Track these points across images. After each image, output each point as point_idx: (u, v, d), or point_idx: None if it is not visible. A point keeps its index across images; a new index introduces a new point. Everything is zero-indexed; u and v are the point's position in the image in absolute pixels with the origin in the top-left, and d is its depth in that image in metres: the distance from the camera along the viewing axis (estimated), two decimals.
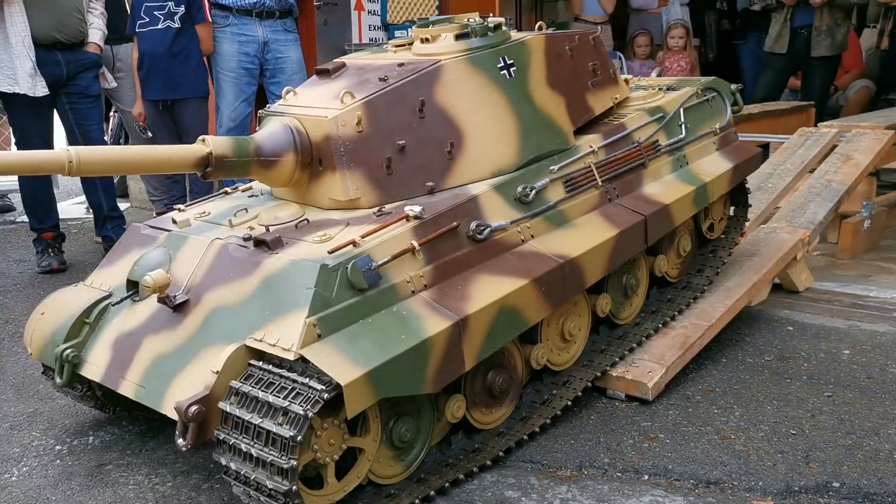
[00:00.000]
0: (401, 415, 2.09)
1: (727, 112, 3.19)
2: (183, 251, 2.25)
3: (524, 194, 2.39)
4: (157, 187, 5.32)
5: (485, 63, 2.45)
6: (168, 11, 4.56)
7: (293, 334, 1.85)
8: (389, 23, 5.81)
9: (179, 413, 1.85)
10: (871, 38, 8.11)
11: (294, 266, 1.99)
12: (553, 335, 2.52)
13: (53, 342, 2.29)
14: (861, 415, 2.48)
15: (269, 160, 2.24)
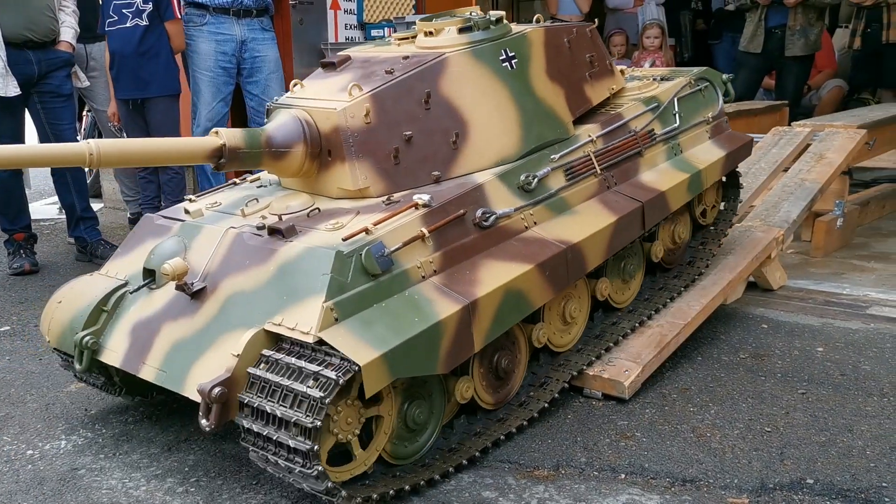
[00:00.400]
0: (414, 398, 2.17)
1: (719, 101, 3.28)
2: (198, 240, 2.31)
3: (527, 182, 2.47)
4: (132, 187, 5.28)
5: (487, 56, 2.53)
6: (136, 9, 4.51)
7: (311, 318, 1.92)
8: (365, 22, 5.80)
9: (203, 395, 1.90)
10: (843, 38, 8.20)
11: (310, 253, 2.06)
12: (554, 318, 2.60)
13: (72, 330, 2.34)
14: (834, 412, 2.50)
15: (279, 151, 2.31)
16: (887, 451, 2.26)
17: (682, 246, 3.16)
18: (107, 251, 4.48)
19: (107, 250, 4.49)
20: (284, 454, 1.88)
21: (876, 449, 2.27)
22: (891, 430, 2.37)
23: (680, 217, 3.11)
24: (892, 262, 4.11)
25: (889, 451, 2.26)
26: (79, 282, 2.50)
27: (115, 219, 5.72)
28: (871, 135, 4.53)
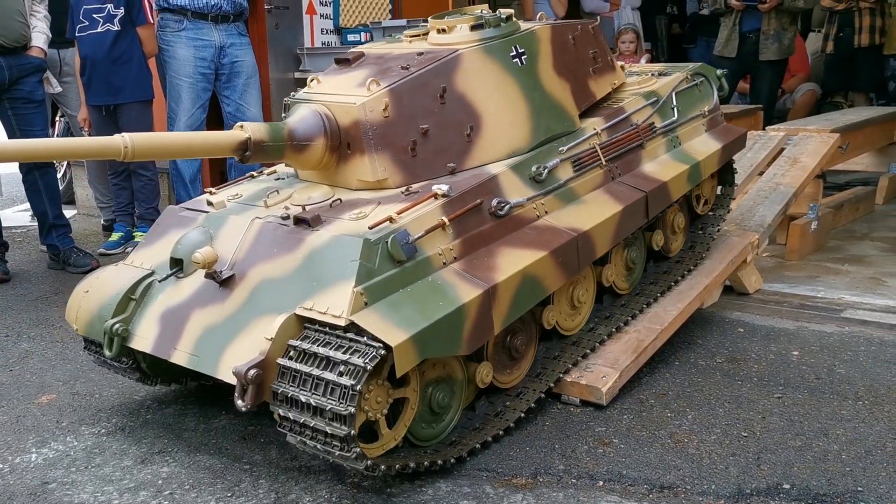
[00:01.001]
0: (438, 382, 2.27)
1: (714, 96, 3.42)
2: (224, 230, 2.39)
3: (538, 173, 2.58)
4: (105, 194, 5.23)
5: (499, 52, 2.64)
6: (107, 14, 4.47)
7: (342, 303, 2.00)
8: (342, 26, 5.78)
9: (239, 377, 1.97)
10: (816, 42, 8.30)
11: (338, 241, 2.15)
12: (563, 302, 2.70)
13: (101, 317, 2.40)
14: (810, 416, 2.51)
15: (301, 144, 2.40)
16: (862, 455, 2.27)
17: (680, 235, 3.28)
18: (80, 259, 4.43)
19: (80, 258, 4.43)
20: (322, 438, 1.97)
21: (851, 453, 2.29)
22: (865, 434, 2.38)
23: (678, 208, 3.25)
24: (865, 265, 4.15)
25: (864, 455, 2.27)
26: (105, 271, 2.57)
27: (89, 225, 5.65)
28: (843, 138, 4.58)
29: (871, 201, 5.45)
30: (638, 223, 2.84)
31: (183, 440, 2.48)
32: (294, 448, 2.38)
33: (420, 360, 2.04)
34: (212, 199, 2.53)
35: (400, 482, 2.20)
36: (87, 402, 2.78)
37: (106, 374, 3.00)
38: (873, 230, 4.91)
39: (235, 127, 2.33)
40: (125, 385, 2.89)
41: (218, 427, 2.55)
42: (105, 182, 5.12)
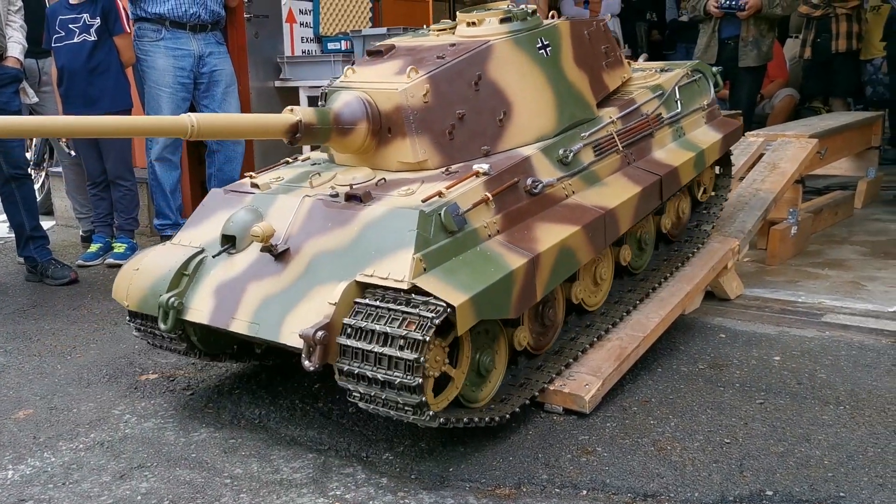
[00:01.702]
0: (483, 348, 2.43)
1: (711, 91, 3.67)
2: (273, 208, 2.53)
3: (565, 156, 2.76)
4: (84, 204, 5.18)
5: (526, 44, 2.82)
6: (83, 24, 4.43)
7: (403, 269, 2.15)
8: (322, 35, 5.76)
9: (307, 339, 2.10)
10: (794, 48, 8.37)
11: (395, 213, 2.30)
12: (587, 279, 2.88)
13: (154, 293, 2.51)
14: (792, 421, 2.52)
15: (346, 128, 2.56)
16: (844, 461, 2.28)
17: (684, 220, 3.51)
18: (58, 271, 4.38)
19: (57, 270, 4.38)
20: (387, 391, 2.10)
21: (833, 458, 2.29)
22: (847, 439, 2.39)
23: (682, 194, 3.45)
24: (845, 269, 4.18)
25: (846, 461, 2.28)
26: (153, 251, 2.68)
27: (67, 236, 5.60)
28: (822, 144, 4.62)
29: (850, 205, 5.50)
30: (654, 204, 3.05)
31: (162, 454, 2.45)
32: (275, 461, 2.37)
33: (477, 320, 2.19)
34: (256, 182, 2.68)
35: (383, 494, 2.19)
36: (64, 416, 2.74)
37: (84, 388, 2.96)
38: (852, 234, 4.94)
39: (286, 111, 2.47)
40: (103, 399, 2.85)
41: (198, 440, 2.53)
42: (83, 193, 5.07)
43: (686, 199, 3.49)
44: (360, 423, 2.59)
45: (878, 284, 3.91)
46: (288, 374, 2.99)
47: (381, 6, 6.34)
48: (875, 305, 3.56)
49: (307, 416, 2.66)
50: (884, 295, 3.73)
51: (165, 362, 3.17)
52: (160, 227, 4.96)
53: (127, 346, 3.37)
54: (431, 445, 2.43)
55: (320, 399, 2.78)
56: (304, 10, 5.71)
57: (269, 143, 5.63)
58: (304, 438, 2.51)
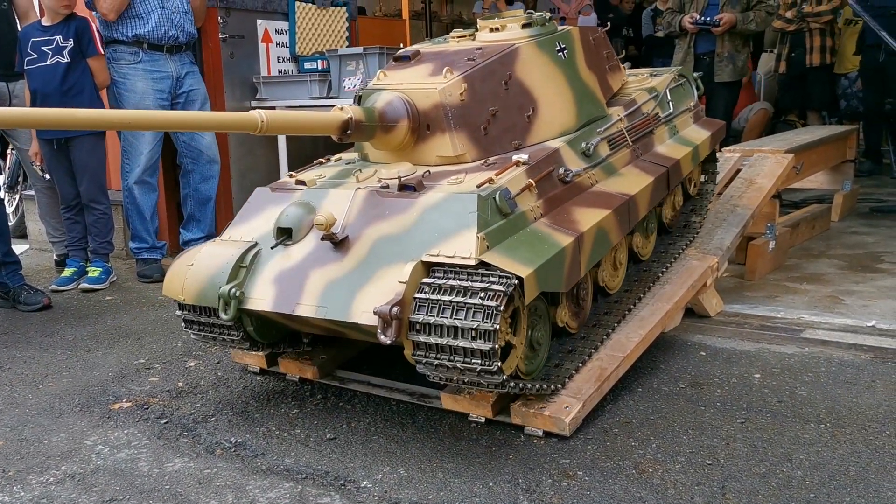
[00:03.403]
0: (534, 324, 2.60)
1: (694, 94, 3.99)
2: (327, 201, 2.66)
3: (587, 149, 2.99)
4: (57, 228, 5.11)
5: (547, 47, 3.04)
6: (56, 46, 4.39)
7: (469, 246, 2.32)
8: (298, 54, 5.74)
9: (383, 315, 2.23)
10: (769, 62, 8.46)
11: (454, 198, 2.46)
12: (608, 264, 3.11)
13: (213, 285, 2.60)
14: (773, 441, 2.50)
15: (389, 125, 2.72)
16: (826, 480, 2.26)
17: (678, 212, 3.80)
18: (30, 296, 4.30)
19: (30, 295, 4.31)
20: (461, 359, 2.25)
21: (815, 478, 2.28)
22: (828, 458, 2.38)
23: (676, 190, 3.72)
24: (823, 284, 4.19)
25: (828, 480, 2.26)
26: (205, 247, 2.78)
27: (41, 260, 5.52)
28: (798, 158, 4.64)
29: (827, 219, 5.54)
30: (663, 193, 3.30)
31: (135, 487, 2.39)
32: (251, 491, 2.32)
33: (539, 292, 2.36)
34: (302, 179, 2.84)
35: None
36: (35, 448, 2.68)
37: (56, 418, 2.90)
38: (830, 248, 4.97)
39: (335, 109, 2.61)
40: (75, 430, 2.79)
41: (172, 472, 2.47)
42: (57, 216, 5.00)
43: (679, 193, 3.79)
44: (337, 449, 2.55)
45: (856, 298, 3.92)
46: (265, 400, 2.94)
47: (357, 25, 6.34)
48: (854, 320, 3.57)
49: (284, 443, 2.62)
50: (862, 309, 3.74)
51: (139, 390, 3.12)
52: (136, 251, 4.90)
53: (100, 374, 3.31)
54: (410, 472, 2.39)
55: (297, 425, 2.73)
56: (279, 31, 5.69)
57: (246, 164, 5.59)
58: (281, 467, 2.46)
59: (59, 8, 4.41)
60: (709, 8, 6.08)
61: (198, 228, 5.13)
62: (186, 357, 3.47)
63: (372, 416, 2.79)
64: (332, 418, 2.78)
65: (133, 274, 4.94)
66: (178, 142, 5.02)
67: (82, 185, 4.61)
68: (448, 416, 2.74)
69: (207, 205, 5.12)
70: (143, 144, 4.78)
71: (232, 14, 5.39)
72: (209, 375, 3.24)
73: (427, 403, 2.82)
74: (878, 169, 7.67)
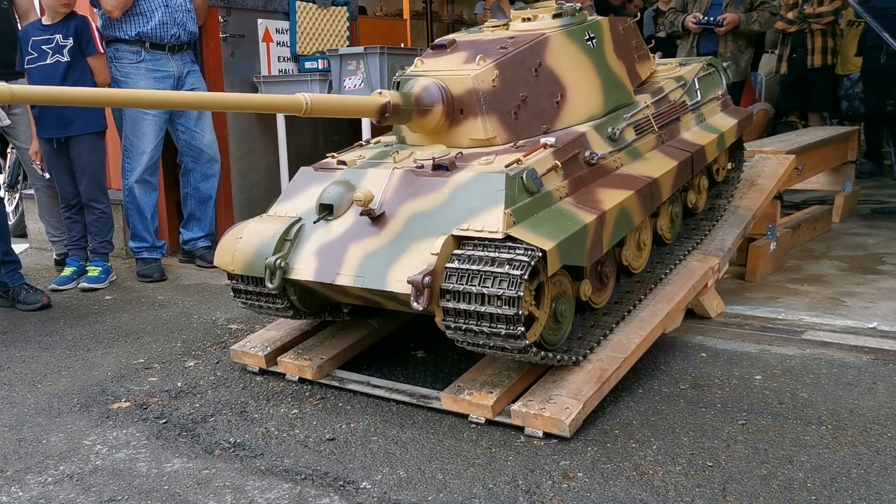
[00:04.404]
0: (558, 297, 2.71)
1: (723, 83, 4.09)
2: (365, 180, 2.83)
3: (613, 133, 3.11)
4: (57, 227, 5.10)
5: (577, 36, 3.19)
6: (56, 45, 4.38)
7: (496, 221, 2.47)
8: (299, 54, 5.73)
9: (416, 284, 2.40)
10: (770, 63, 8.45)
11: (483, 177, 2.62)
12: (632, 244, 3.23)
13: (260, 256, 2.79)
14: (774, 442, 2.49)
15: (425, 109, 2.89)
16: (827, 483, 2.25)
17: (703, 196, 3.88)
18: (30, 295, 4.29)
19: (30, 294, 4.30)
20: (487, 324, 2.41)
21: (816, 480, 2.26)
22: (830, 461, 2.37)
23: (701, 174, 3.80)
24: (824, 285, 4.18)
25: (829, 483, 2.25)
26: (252, 222, 2.95)
27: (41, 259, 5.51)
28: (799, 159, 4.63)
29: (828, 220, 5.52)
30: (687, 177, 3.40)
31: (134, 487, 2.38)
32: (250, 492, 2.31)
33: (561, 265, 2.50)
34: (343, 159, 3.03)
35: None
36: (33, 448, 2.67)
37: (54, 418, 2.89)
38: (831, 249, 4.96)
39: (375, 93, 2.78)
40: (74, 429, 2.79)
41: (171, 472, 2.46)
42: (56, 215, 4.99)
43: (705, 178, 3.89)
44: (336, 450, 2.54)
45: (857, 300, 3.91)
46: (264, 400, 2.94)
47: (358, 25, 6.33)
48: (855, 321, 3.56)
49: (283, 443, 2.61)
50: (863, 311, 3.73)
51: (138, 390, 3.11)
52: (136, 250, 4.89)
53: (99, 373, 3.30)
54: (410, 473, 2.39)
55: (296, 426, 2.73)
56: (280, 30, 5.68)
57: (246, 164, 5.58)
58: (280, 468, 2.46)
59: (59, 7, 4.40)
60: (712, 8, 6.07)
61: (198, 227, 5.12)
62: (186, 357, 3.46)
63: (371, 416, 2.78)
64: (331, 419, 2.77)
65: (133, 273, 4.93)
66: (179, 141, 5.01)
67: (82, 184, 4.61)
68: (448, 417, 2.73)
69: (208, 204, 5.11)
70: (146, 143, 4.77)
71: (232, 13, 5.38)
72: (208, 375, 3.23)
73: (427, 404, 2.81)
74: (879, 170, 7.66)
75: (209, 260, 5.05)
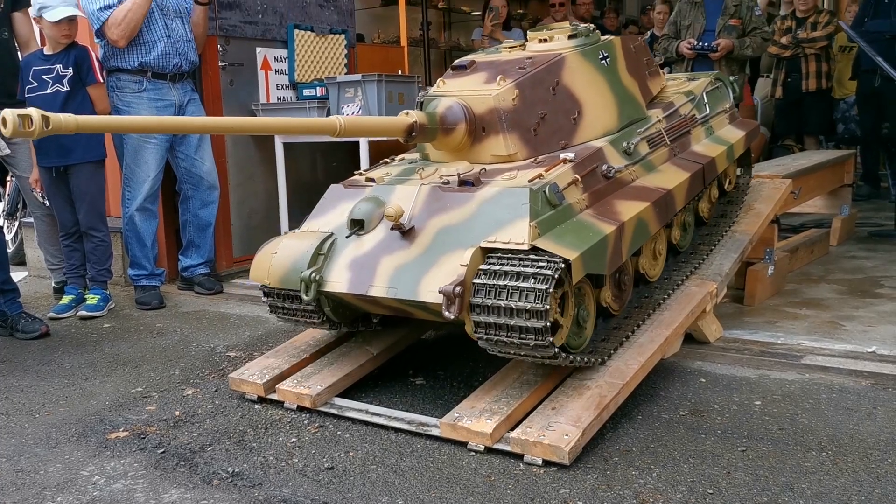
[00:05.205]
0: (580, 303, 2.84)
1: (730, 96, 4.27)
2: (394, 196, 2.94)
3: (628, 147, 3.24)
4: (55, 255, 5.11)
5: (591, 55, 3.32)
6: (56, 75, 4.41)
7: (522, 234, 2.58)
8: (297, 81, 5.77)
9: (447, 294, 2.51)
10: (765, 87, 8.51)
11: (508, 191, 2.73)
12: (648, 254, 3.36)
13: (296, 270, 2.89)
14: (775, 469, 2.48)
15: (449, 128, 3.02)
16: None
17: (714, 205, 4.05)
18: (28, 324, 4.29)
19: (28, 323, 4.29)
20: (517, 335, 2.51)
21: None
22: (831, 487, 2.36)
23: (712, 185, 3.94)
24: (823, 309, 4.18)
25: None
26: (285, 237, 3.07)
27: (40, 287, 5.51)
28: (796, 184, 4.65)
29: (826, 243, 5.54)
30: (699, 188, 3.52)
31: None
32: None
33: (584, 274, 2.60)
34: (372, 177, 3.14)
35: None
36: (30, 479, 2.66)
37: (52, 448, 2.88)
38: (829, 272, 4.97)
39: (402, 114, 2.93)
40: (72, 459, 2.77)
41: (168, 502, 2.45)
42: (55, 243, 5.00)
43: (715, 188, 4.02)
44: (335, 479, 2.53)
45: (855, 324, 3.91)
46: (262, 429, 2.92)
47: (356, 52, 6.38)
48: (854, 346, 3.55)
49: (281, 472, 2.60)
50: (862, 335, 3.73)
51: (136, 419, 3.10)
52: (135, 277, 4.89)
53: (97, 403, 3.30)
54: (409, 503, 2.37)
55: (295, 455, 2.71)
56: (279, 58, 5.72)
57: (245, 191, 5.60)
58: (278, 497, 2.44)
59: (60, 38, 4.44)
60: (705, 34, 6.13)
61: (197, 254, 5.13)
62: (184, 385, 3.45)
63: (370, 445, 2.77)
64: (329, 448, 2.76)
65: (132, 301, 4.93)
66: (179, 168, 5.03)
67: (81, 212, 4.62)
68: (447, 444, 2.72)
69: (207, 230, 5.12)
70: (148, 171, 4.79)
71: (231, 42, 5.43)
72: (206, 404, 3.22)
73: (426, 432, 2.80)
74: (875, 193, 7.70)
75: (208, 287, 5.05)
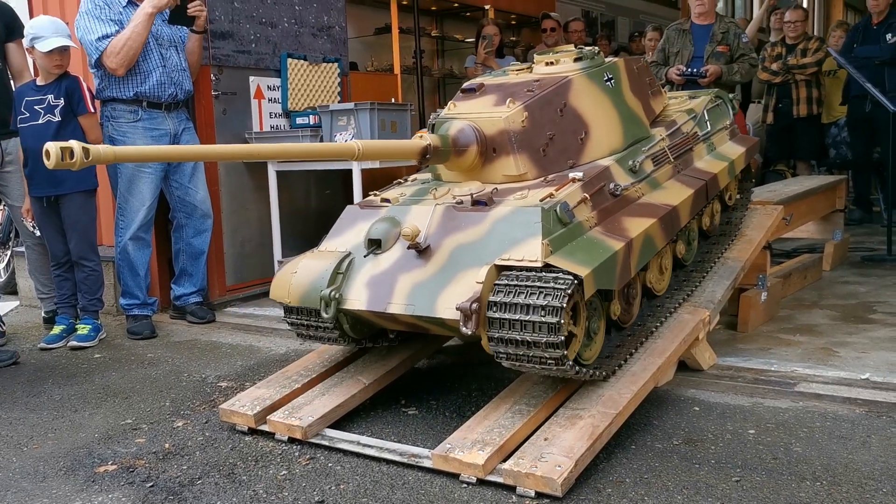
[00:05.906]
0: (591, 316, 2.90)
1: (730, 113, 4.39)
2: (409, 216, 3.03)
3: (633, 166, 3.32)
4: (46, 284, 5.09)
5: (597, 77, 3.42)
6: (48, 105, 4.43)
7: (535, 251, 2.64)
8: (290, 110, 5.79)
9: (464, 310, 2.57)
10: (756, 112, 8.57)
11: (520, 211, 2.81)
12: (655, 268, 3.43)
13: (315, 289, 2.97)
14: (769, 500, 2.46)
15: (461, 150, 3.12)
16: None
17: (717, 219, 4.13)
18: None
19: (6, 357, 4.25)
20: (532, 350, 2.57)
21: None
22: None
23: (714, 199, 4.03)
24: (816, 335, 4.17)
25: None
26: (305, 257, 3.14)
27: (31, 317, 5.48)
28: (787, 210, 4.67)
29: (819, 269, 5.54)
30: (702, 203, 3.61)
31: None
32: None
33: (595, 289, 2.67)
34: (387, 197, 3.22)
35: None
36: None
37: (39, 482, 2.85)
38: (822, 298, 4.96)
39: (416, 137, 3.06)
40: (59, 494, 2.74)
41: None
42: (46, 272, 4.98)
43: (718, 203, 4.12)
44: None
45: (849, 350, 3.90)
46: (252, 461, 2.90)
47: (349, 81, 6.41)
48: (847, 373, 3.54)
49: None
50: (856, 361, 3.72)
51: (126, 452, 3.07)
52: (127, 307, 4.87)
53: (86, 435, 3.26)
54: None
55: (285, 488, 2.69)
56: (272, 87, 5.74)
57: (238, 219, 5.59)
58: None
59: (51, 68, 4.46)
60: (693, 60, 6.18)
61: (190, 283, 5.11)
62: (174, 417, 3.42)
63: (361, 477, 2.74)
64: (320, 480, 2.74)
65: (123, 330, 4.90)
66: (172, 197, 5.03)
67: (72, 241, 4.61)
68: (439, 476, 2.70)
69: (200, 259, 5.11)
70: (142, 201, 4.78)
71: (225, 71, 5.45)
72: (197, 436, 3.19)
73: (418, 463, 2.78)
74: (868, 217, 7.72)
75: (200, 316, 5.03)
